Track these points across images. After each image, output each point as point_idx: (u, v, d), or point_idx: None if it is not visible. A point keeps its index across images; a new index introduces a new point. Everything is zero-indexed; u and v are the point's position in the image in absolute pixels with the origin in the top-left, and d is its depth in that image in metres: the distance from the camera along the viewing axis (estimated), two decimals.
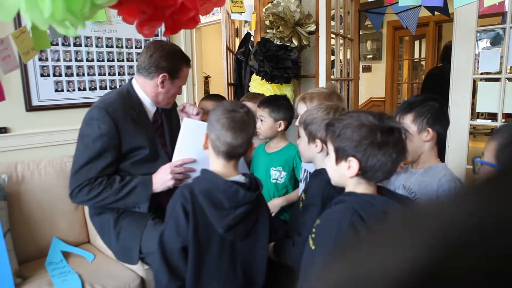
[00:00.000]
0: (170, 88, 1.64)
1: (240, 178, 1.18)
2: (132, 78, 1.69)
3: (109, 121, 1.51)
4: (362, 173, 0.95)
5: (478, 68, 2.58)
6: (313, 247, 1.00)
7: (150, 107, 1.67)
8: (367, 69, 5.80)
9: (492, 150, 0.87)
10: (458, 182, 1.32)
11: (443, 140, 1.80)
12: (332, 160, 1.01)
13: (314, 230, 1.01)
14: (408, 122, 1.36)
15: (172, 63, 1.59)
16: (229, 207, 1.10)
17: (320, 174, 1.24)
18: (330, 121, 1.02)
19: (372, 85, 5.75)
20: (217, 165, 1.19)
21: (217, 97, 2.22)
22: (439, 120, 1.34)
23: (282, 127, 1.83)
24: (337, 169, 1.00)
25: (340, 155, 0.97)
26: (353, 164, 0.94)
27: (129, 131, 1.56)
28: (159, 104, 1.69)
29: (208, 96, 2.26)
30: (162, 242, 1.16)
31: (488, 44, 2.59)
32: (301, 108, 1.51)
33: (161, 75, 1.58)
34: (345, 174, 0.97)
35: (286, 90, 2.76)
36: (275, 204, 1.81)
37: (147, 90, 1.64)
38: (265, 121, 1.82)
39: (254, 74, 2.81)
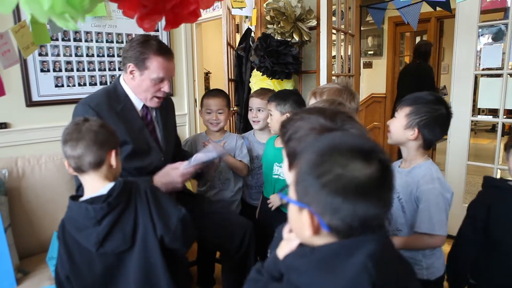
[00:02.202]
0: (141, 80, 1.57)
1: (103, 190, 1.15)
2: (121, 74, 1.69)
3: (93, 115, 1.50)
4: None
5: (479, 64, 2.56)
6: None
7: (137, 102, 1.65)
8: (368, 65, 5.77)
9: (292, 183, 0.67)
10: (437, 183, 1.29)
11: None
12: (286, 164, 0.91)
13: None
14: (402, 115, 1.34)
15: (136, 52, 1.53)
16: (91, 225, 1.11)
17: None
18: (283, 123, 0.93)
19: (373, 81, 5.73)
20: (86, 184, 1.19)
21: (219, 94, 2.10)
22: (432, 127, 1.30)
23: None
24: (290, 176, 0.93)
25: (292, 161, 0.87)
26: None
27: (113, 124, 1.54)
28: (141, 99, 1.64)
29: (209, 93, 2.11)
30: (56, 271, 1.23)
31: (490, 40, 2.57)
32: (312, 103, 1.49)
33: (128, 66, 1.56)
34: None
35: (286, 85, 2.75)
36: (276, 198, 1.81)
37: (129, 84, 1.63)
38: (273, 115, 1.82)
39: (255, 69, 2.80)
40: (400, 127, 1.35)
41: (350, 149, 0.63)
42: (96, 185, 1.17)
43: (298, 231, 0.69)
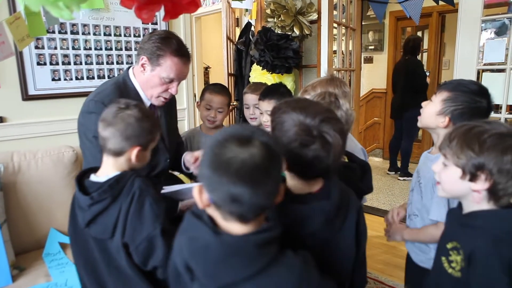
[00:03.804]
0: (151, 76, 1.50)
1: (102, 178, 1.17)
2: (130, 67, 1.61)
3: None
4: (290, 170, 0.93)
5: (482, 59, 2.53)
6: None
7: (146, 100, 1.58)
8: (369, 60, 5.73)
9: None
10: None
11: None
12: None
13: None
14: (439, 99, 1.26)
15: (153, 46, 1.46)
16: (85, 206, 1.15)
17: None
18: (274, 108, 0.99)
19: (373, 77, 5.69)
20: (103, 163, 1.21)
21: (223, 91, 2.02)
22: (467, 119, 1.17)
23: None
24: None
25: None
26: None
27: None
28: (147, 96, 1.56)
29: (213, 89, 2.00)
30: None
31: (493, 35, 2.54)
32: None
33: (141, 58, 1.49)
34: None
35: (287, 80, 2.72)
36: None
37: (138, 78, 1.55)
38: None
39: (255, 64, 2.78)
40: (433, 112, 1.27)
41: (228, 136, 0.74)
42: (108, 169, 1.19)
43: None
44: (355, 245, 0.99)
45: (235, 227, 0.76)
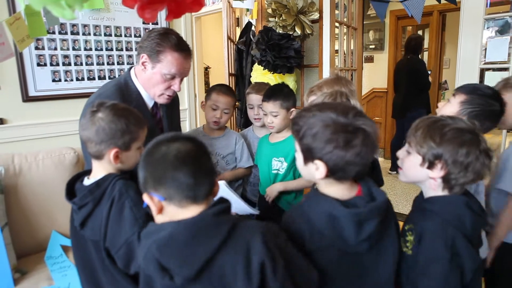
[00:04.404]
0: (152, 74, 1.47)
1: (90, 180, 1.17)
2: (131, 67, 1.59)
3: None
4: (331, 174, 0.91)
5: (485, 58, 2.52)
6: None
7: (148, 100, 1.56)
8: (369, 59, 5.70)
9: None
10: None
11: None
12: (300, 159, 0.96)
13: None
14: (457, 101, 1.34)
15: (152, 43, 1.43)
16: (76, 209, 1.19)
17: None
18: (294, 119, 0.97)
19: (374, 76, 5.67)
20: (92, 166, 1.23)
21: (230, 92, 1.98)
22: (482, 120, 1.29)
23: (293, 114, 1.78)
24: (306, 169, 0.95)
25: (307, 157, 0.93)
26: (320, 166, 0.90)
27: None
28: (150, 95, 1.54)
29: (221, 89, 1.96)
30: None
31: (496, 33, 2.52)
32: (312, 99, 1.46)
33: (142, 56, 1.47)
34: (314, 174, 0.93)
35: (289, 80, 2.70)
36: (273, 189, 1.76)
37: (139, 78, 1.53)
38: (279, 115, 1.75)
39: (256, 64, 2.76)
40: (451, 113, 1.33)
41: (156, 141, 0.85)
42: (96, 172, 1.19)
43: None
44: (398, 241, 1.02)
45: (191, 210, 0.81)
